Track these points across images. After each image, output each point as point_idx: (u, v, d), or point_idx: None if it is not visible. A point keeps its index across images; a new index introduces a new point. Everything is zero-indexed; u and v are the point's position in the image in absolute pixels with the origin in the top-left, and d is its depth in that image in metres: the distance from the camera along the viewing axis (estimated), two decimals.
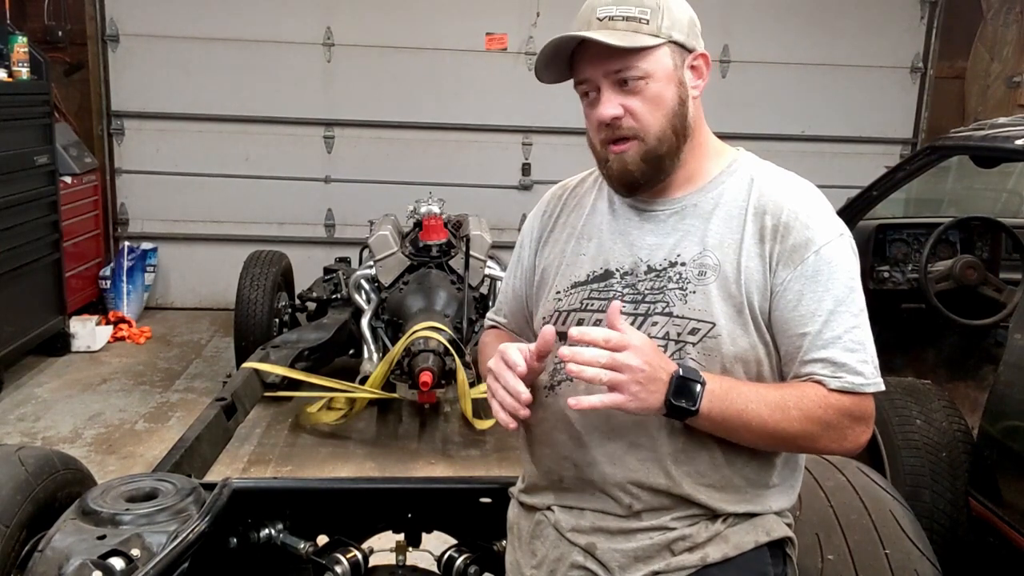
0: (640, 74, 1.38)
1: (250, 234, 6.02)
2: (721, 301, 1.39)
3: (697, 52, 1.43)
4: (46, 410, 4.30)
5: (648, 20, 1.38)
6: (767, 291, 1.39)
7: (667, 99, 1.40)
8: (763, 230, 1.40)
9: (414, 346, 3.75)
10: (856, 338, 1.37)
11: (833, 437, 1.37)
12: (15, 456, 1.77)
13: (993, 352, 3.42)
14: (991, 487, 2.49)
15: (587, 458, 1.45)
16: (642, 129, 1.40)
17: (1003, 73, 6.07)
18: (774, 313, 1.40)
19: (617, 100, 1.39)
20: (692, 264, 1.42)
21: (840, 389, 1.35)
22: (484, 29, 6.00)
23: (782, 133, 6.15)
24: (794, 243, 1.39)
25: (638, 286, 1.44)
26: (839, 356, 1.36)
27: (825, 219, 1.41)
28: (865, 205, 3.58)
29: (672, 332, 1.40)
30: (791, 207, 1.41)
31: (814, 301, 1.37)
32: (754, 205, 1.42)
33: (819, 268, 1.37)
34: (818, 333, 1.36)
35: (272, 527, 1.78)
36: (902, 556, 1.60)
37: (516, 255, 1.68)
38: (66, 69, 5.76)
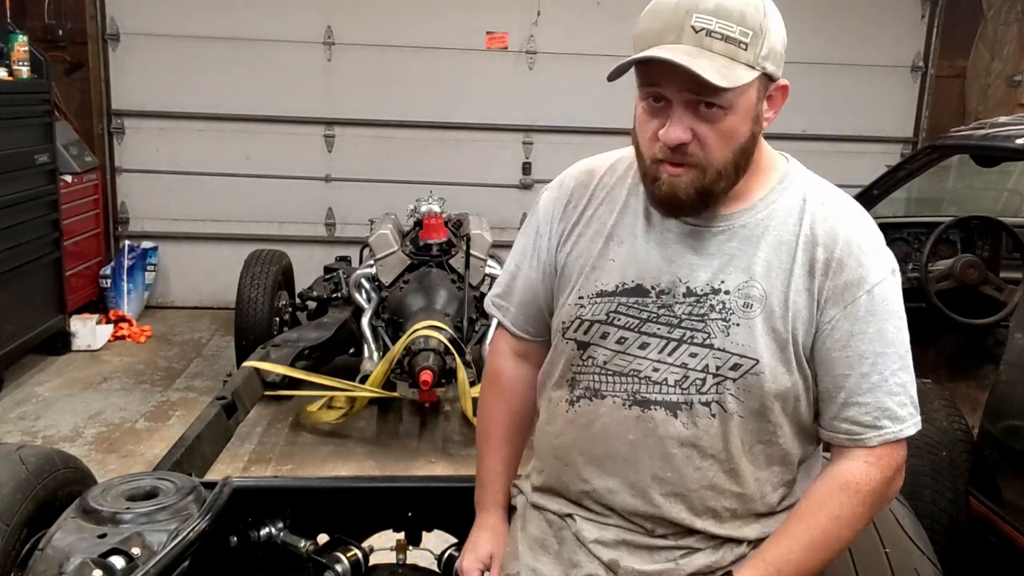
0: (723, 104, 1.24)
1: (250, 233, 6.02)
2: (766, 336, 1.32)
3: (780, 83, 1.32)
4: (47, 409, 4.31)
5: (747, 46, 1.22)
6: (812, 327, 1.33)
7: (740, 134, 1.28)
8: (814, 263, 1.32)
9: (414, 345, 3.75)
10: (900, 380, 1.33)
11: (878, 508, 1.38)
12: (16, 455, 1.76)
13: (994, 351, 3.42)
14: (991, 486, 2.49)
15: (607, 485, 1.40)
16: (706, 159, 1.27)
17: (1004, 72, 6.07)
18: (819, 351, 1.33)
19: (688, 123, 1.25)
20: (737, 293, 1.33)
21: (882, 443, 1.33)
22: (485, 28, 6.00)
23: (783, 132, 6.09)
24: (846, 281, 1.31)
25: (675, 308, 1.35)
26: (883, 400, 1.32)
27: (878, 255, 1.35)
28: (866, 204, 3.55)
29: (712, 366, 1.33)
30: (844, 239, 1.33)
31: (863, 343, 1.32)
32: (806, 233, 1.33)
33: (871, 308, 1.32)
34: (864, 376, 1.32)
35: (272, 526, 1.78)
36: (902, 555, 1.60)
37: (532, 244, 1.51)
38: (66, 68, 5.75)
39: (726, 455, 1.36)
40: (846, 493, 1.33)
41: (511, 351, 1.60)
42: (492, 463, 1.59)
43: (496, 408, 1.60)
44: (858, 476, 1.33)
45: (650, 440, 1.36)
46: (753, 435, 1.36)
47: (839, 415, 1.34)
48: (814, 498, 1.35)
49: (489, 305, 1.62)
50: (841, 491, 1.33)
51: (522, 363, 1.59)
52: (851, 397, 1.32)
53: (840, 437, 1.35)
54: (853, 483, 1.33)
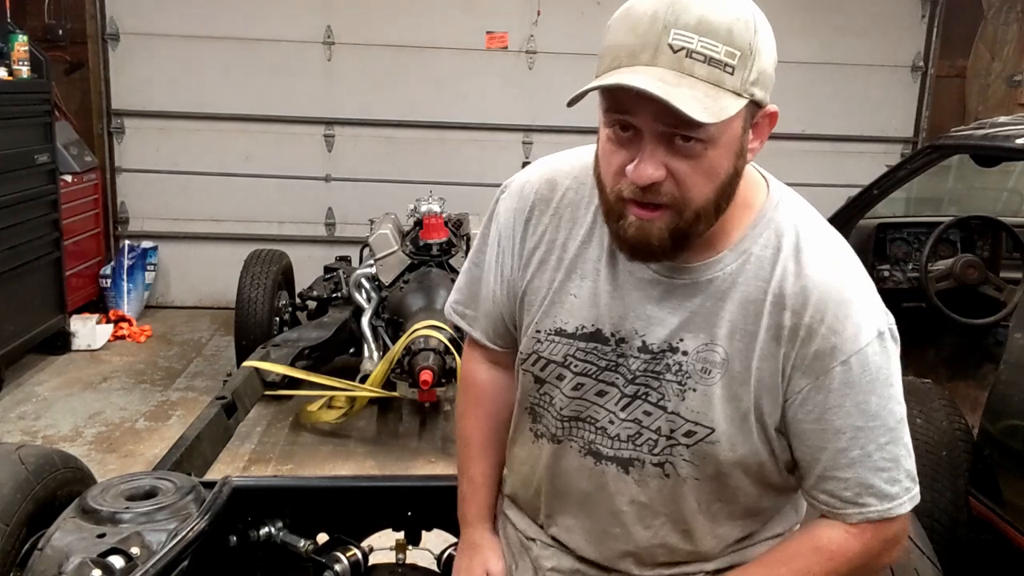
0: (703, 137, 1.06)
1: (250, 233, 6.02)
2: (724, 403, 1.19)
3: (769, 110, 1.13)
4: (46, 408, 4.31)
5: (735, 69, 1.04)
6: (779, 398, 1.19)
7: (722, 171, 1.10)
8: (780, 328, 1.17)
9: (414, 345, 3.75)
10: (889, 455, 1.17)
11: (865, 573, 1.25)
12: (15, 455, 1.76)
13: (993, 351, 3.42)
14: (991, 486, 2.49)
15: (567, 523, 1.36)
16: (683, 200, 1.10)
17: (1004, 72, 6.07)
18: (790, 421, 1.20)
19: (662, 158, 1.07)
20: (695, 356, 1.20)
21: (863, 521, 1.19)
22: (485, 28, 6.00)
23: (783, 132, 6.05)
24: (818, 350, 1.16)
25: (631, 362, 1.24)
26: (865, 477, 1.17)
27: (860, 317, 1.16)
28: (866, 204, 3.58)
29: (665, 428, 1.22)
30: (817, 302, 1.16)
31: (838, 417, 1.16)
32: (774, 292, 1.17)
33: (848, 380, 1.16)
34: (842, 451, 1.17)
35: (272, 525, 1.78)
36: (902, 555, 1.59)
37: (495, 256, 1.38)
38: (66, 68, 5.76)
39: (679, 515, 1.28)
40: (816, 556, 1.22)
41: (483, 358, 1.48)
42: (473, 474, 1.49)
43: (472, 416, 1.50)
44: (835, 544, 1.22)
45: (602, 494, 1.30)
46: (711, 495, 1.26)
47: (817, 486, 1.21)
48: (784, 551, 1.26)
49: (451, 312, 1.49)
50: (812, 553, 1.23)
51: (496, 368, 1.47)
52: (828, 471, 1.19)
53: (819, 507, 1.23)
54: (828, 549, 1.22)
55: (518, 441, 1.42)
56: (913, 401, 2.63)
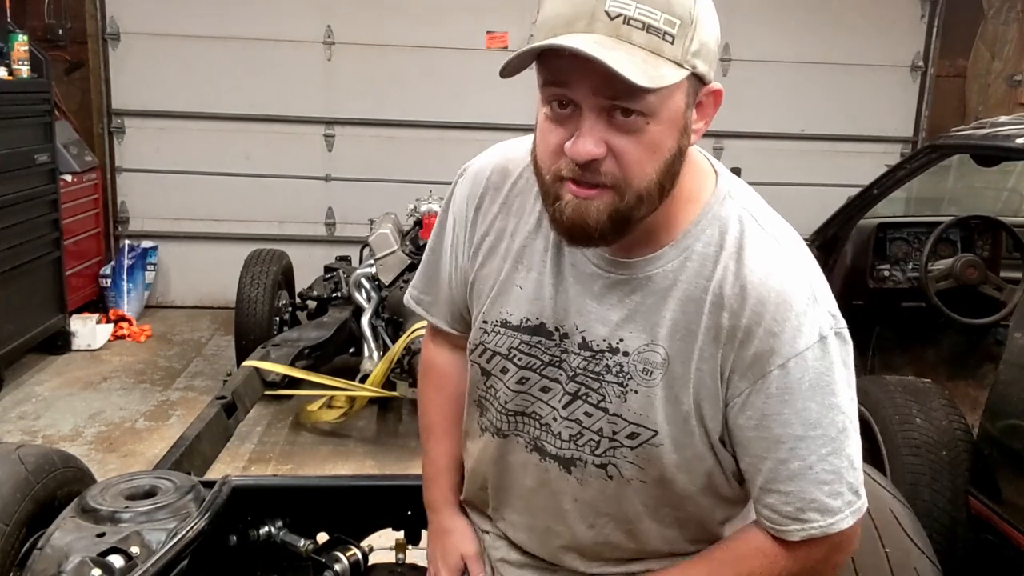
0: (644, 110, 1.01)
1: (250, 232, 6.01)
2: (666, 404, 1.16)
3: (712, 87, 1.08)
4: (46, 408, 4.31)
5: (674, 38, 0.99)
6: (719, 402, 1.15)
7: (664, 148, 1.05)
8: (720, 330, 1.13)
9: (414, 344, 3.75)
10: (830, 466, 1.12)
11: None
12: (15, 454, 1.76)
13: (993, 351, 3.42)
14: (991, 486, 2.49)
15: (512, 519, 1.35)
16: (624, 179, 1.04)
17: (1004, 72, 6.07)
18: (732, 429, 1.16)
19: (601, 134, 1.02)
20: (636, 357, 1.16)
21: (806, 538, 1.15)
22: (485, 27, 5.99)
23: (782, 132, 6.14)
24: (756, 352, 1.11)
25: (571, 359, 1.21)
26: (807, 490, 1.13)
27: (798, 323, 1.10)
28: (865, 204, 3.58)
29: (607, 430, 1.19)
30: (755, 306, 1.11)
31: (777, 425, 1.12)
32: (714, 292, 1.13)
33: (787, 386, 1.11)
34: (782, 462, 1.13)
35: (272, 525, 1.78)
36: (902, 555, 1.60)
37: (449, 242, 1.36)
38: (66, 67, 5.76)
39: (623, 516, 1.25)
40: (760, 559, 1.19)
41: (443, 343, 1.47)
42: (436, 456, 1.48)
43: (434, 400, 1.49)
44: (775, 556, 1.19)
45: (545, 492, 1.28)
46: (657, 500, 1.23)
47: (760, 499, 1.17)
48: (726, 551, 1.23)
49: (409, 300, 1.47)
50: (756, 555, 1.19)
51: (457, 352, 1.45)
52: (769, 484, 1.15)
53: (764, 524, 1.19)
54: (771, 553, 1.18)
55: (469, 434, 1.40)
56: (913, 400, 2.64)
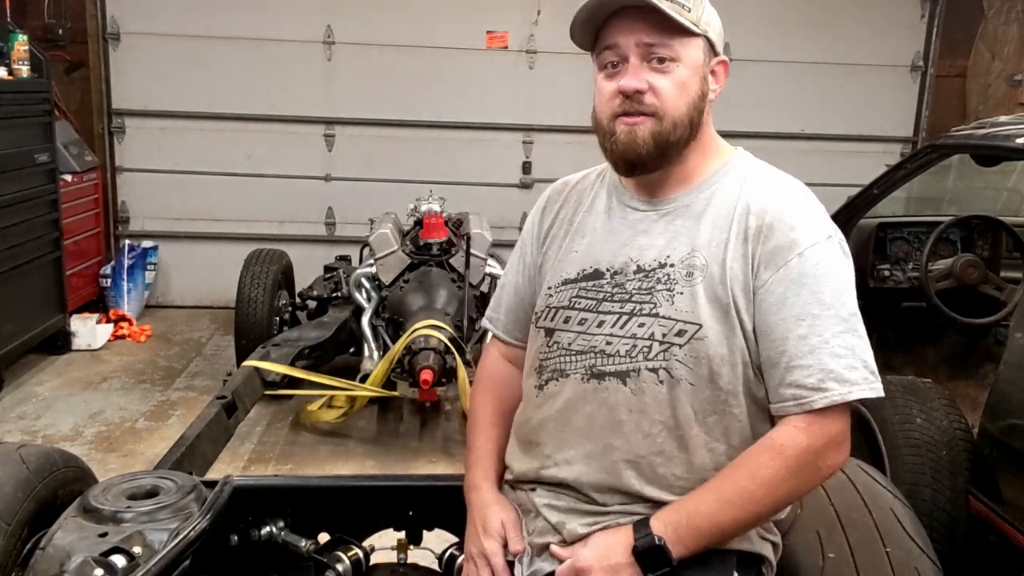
0: (674, 55, 1.38)
1: (251, 232, 6.02)
2: (707, 302, 1.38)
3: (721, 58, 1.46)
4: (47, 408, 4.31)
5: (691, 8, 1.38)
6: (750, 293, 1.38)
7: (691, 89, 1.40)
8: (747, 230, 1.40)
9: (415, 344, 3.75)
10: (845, 343, 1.33)
11: (807, 478, 1.35)
12: (16, 454, 1.76)
13: (993, 351, 3.42)
14: (991, 485, 2.49)
15: (566, 456, 1.46)
16: (662, 108, 1.38)
17: (1004, 72, 6.07)
18: (759, 319, 1.37)
19: (644, 75, 1.38)
20: (681, 265, 1.41)
21: (829, 405, 1.32)
22: (485, 27, 6.00)
23: (782, 132, 6.14)
24: (776, 245, 1.37)
25: (627, 286, 1.44)
26: (826, 362, 1.32)
27: (812, 221, 1.40)
28: (866, 204, 3.58)
29: (658, 333, 1.39)
30: (776, 208, 1.40)
31: (797, 305, 1.34)
32: (742, 206, 1.42)
33: (804, 271, 1.35)
34: (802, 338, 1.34)
35: (273, 525, 1.78)
36: (903, 554, 1.60)
37: (519, 251, 1.67)
38: (66, 67, 5.76)
39: (674, 422, 1.39)
40: (768, 454, 1.34)
41: (499, 355, 1.71)
42: (478, 446, 1.65)
43: (482, 400, 1.69)
44: (783, 439, 1.34)
45: (603, 410, 1.42)
46: (706, 404, 1.39)
47: (784, 380, 1.35)
48: (740, 458, 1.37)
49: (485, 322, 1.75)
50: (764, 452, 1.34)
51: (508, 364, 1.69)
52: (792, 360, 1.34)
53: (787, 406, 1.35)
54: (777, 444, 1.34)
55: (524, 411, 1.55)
56: (913, 400, 2.64)
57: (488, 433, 1.65)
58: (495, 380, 1.69)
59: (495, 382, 1.69)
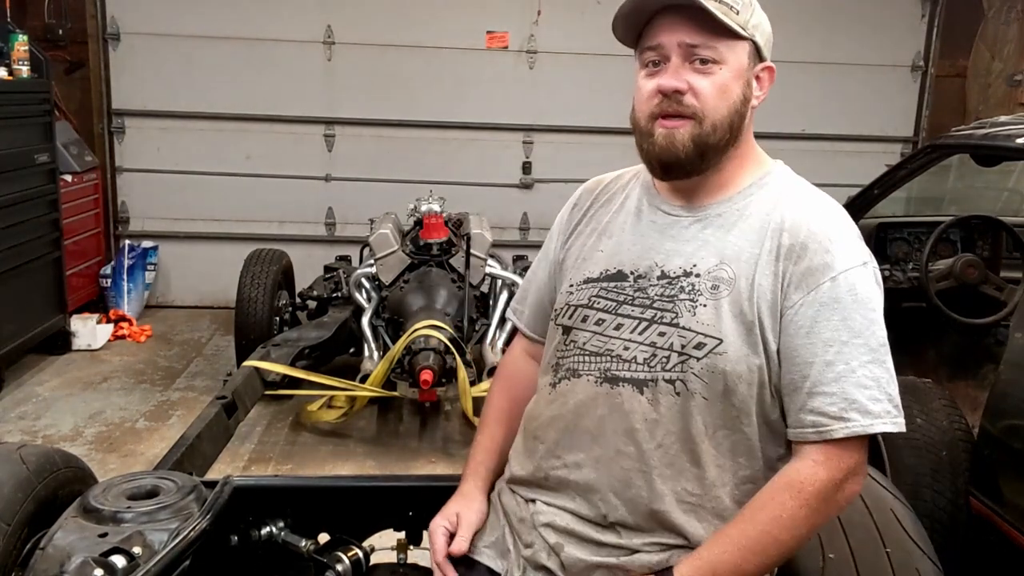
0: (717, 57, 1.34)
1: (251, 232, 6.02)
2: (731, 317, 1.34)
3: (767, 64, 1.41)
4: (47, 408, 4.31)
5: (740, 11, 1.34)
6: (777, 313, 1.34)
7: (733, 93, 1.36)
8: (779, 248, 1.35)
9: (415, 344, 3.75)
10: (871, 374, 1.30)
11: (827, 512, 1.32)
12: (16, 454, 1.76)
13: (994, 351, 3.42)
14: (992, 486, 2.49)
15: (576, 459, 1.43)
16: (701, 110, 1.34)
17: (1004, 71, 6.07)
18: (784, 340, 1.33)
19: (685, 75, 1.34)
20: (707, 276, 1.37)
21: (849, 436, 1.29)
22: (485, 27, 6.00)
23: (783, 132, 6.13)
24: (809, 266, 1.33)
25: (649, 291, 1.41)
26: (850, 392, 1.29)
27: (848, 245, 1.35)
28: (866, 204, 3.58)
29: (677, 344, 1.36)
30: (811, 228, 1.35)
31: (827, 329, 1.30)
32: (776, 222, 1.38)
33: (837, 296, 1.31)
34: (829, 364, 1.30)
35: (273, 525, 1.78)
36: (903, 555, 1.60)
37: (544, 248, 1.66)
38: (67, 67, 5.76)
39: (687, 435, 1.36)
40: (788, 493, 1.30)
41: (522, 351, 1.71)
42: (481, 439, 1.67)
43: (496, 394, 1.70)
44: (803, 475, 1.30)
45: (616, 415, 1.39)
46: (717, 419, 1.36)
47: (805, 406, 1.31)
48: (758, 499, 1.33)
49: (509, 313, 1.75)
50: (783, 491, 1.30)
51: (529, 360, 1.68)
52: (816, 387, 1.30)
53: (807, 432, 1.32)
54: (796, 482, 1.30)
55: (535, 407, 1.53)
56: (914, 400, 2.64)
57: (491, 430, 1.66)
58: (511, 374, 1.70)
59: (511, 375, 1.69)
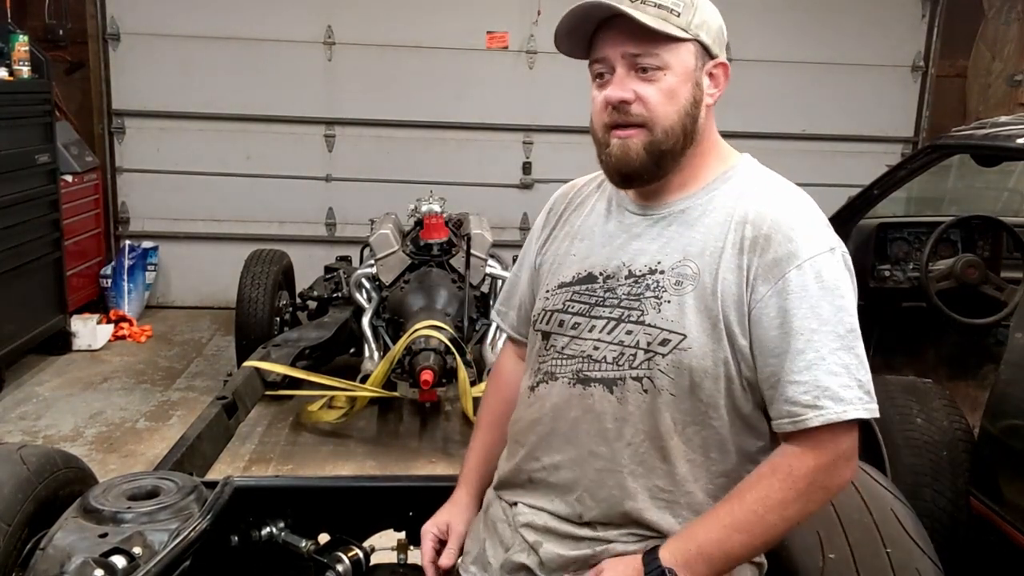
0: (659, 63, 1.35)
1: (251, 233, 6.02)
2: (696, 313, 1.35)
3: (719, 60, 1.41)
4: (47, 409, 4.31)
5: (680, 13, 1.35)
6: (744, 307, 1.34)
7: (681, 96, 1.36)
8: (743, 241, 1.35)
9: (415, 345, 3.75)
10: (841, 360, 1.29)
11: (817, 498, 1.32)
12: (17, 454, 1.77)
13: (994, 351, 3.42)
14: (992, 486, 2.49)
15: (554, 460, 1.45)
16: (651, 118, 1.35)
17: (1004, 72, 6.07)
18: (755, 334, 1.33)
19: (630, 85, 1.36)
20: (671, 272, 1.38)
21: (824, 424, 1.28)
22: (485, 27, 6.00)
23: (783, 132, 6.14)
24: (775, 257, 1.33)
25: (617, 291, 1.42)
26: (821, 379, 1.29)
27: (813, 232, 1.35)
28: (866, 204, 3.58)
29: (643, 341, 1.37)
30: (774, 218, 1.35)
31: (795, 319, 1.30)
32: (739, 214, 1.38)
33: (804, 284, 1.31)
34: (799, 353, 1.30)
35: (273, 525, 1.78)
36: (903, 555, 1.60)
37: (524, 249, 1.68)
38: (67, 68, 5.76)
39: (655, 432, 1.37)
40: (777, 476, 1.30)
41: (512, 353, 1.73)
42: (474, 445, 1.70)
43: (490, 398, 1.73)
44: (790, 460, 1.31)
45: (589, 416, 1.41)
46: (686, 415, 1.36)
47: (780, 396, 1.32)
48: (747, 481, 1.34)
49: (493, 315, 1.77)
50: (772, 474, 1.31)
51: (520, 363, 1.68)
52: (788, 376, 1.30)
53: (784, 423, 1.32)
54: (785, 466, 1.31)
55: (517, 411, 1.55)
56: (914, 400, 2.64)
57: (485, 435, 1.69)
58: (504, 377, 1.71)
59: (504, 379, 1.71)
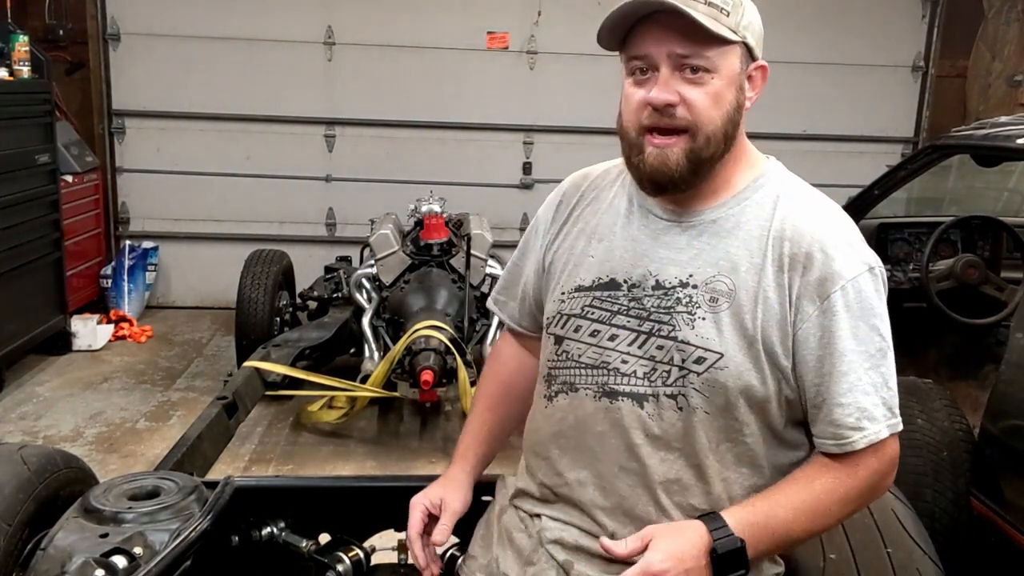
0: (709, 66, 1.26)
1: (251, 233, 6.02)
2: (732, 331, 1.30)
3: (759, 63, 1.34)
4: (47, 409, 4.31)
5: (730, 12, 1.26)
6: (787, 327, 1.30)
7: (727, 100, 1.29)
8: (782, 258, 1.31)
9: (415, 345, 3.75)
10: (870, 380, 1.30)
11: (872, 497, 1.36)
12: (17, 455, 1.76)
13: (994, 351, 3.42)
14: (993, 486, 2.49)
15: (579, 477, 1.40)
16: (696, 123, 1.28)
17: (1004, 72, 6.07)
18: (797, 352, 1.30)
19: (675, 86, 1.27)
20: (704, 288, 1.32)
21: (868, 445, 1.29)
22: (485, 28, 6.00)
23: (783, 132, 6.12)
24: (818, 277, 1.29)
25: (644, 301, 1.35)
26: (860, 400, 1.29)
27: (852, 251, 1.31)
28: (866, 204, 3.58)
29: (676, 358, 1.32)
30: (813, 235, 1.31)
31: (840, 340, 1.28)
32: (776, 229, 1.32)
33: (847, 305, 1.28)
34: (843, 375, 1.28)
35: (274, 525, 1.78)
36: (904, 555, 1.60)
37: (527, 239, 1.59)
38: (67, 68, 5.76)
39: (691, 450, 1.34)
40: (843, 470, 1.31)
41: (511, 339, 1.69)
42: (471, 424, 1.65)
43: (487, 379, 1.69)
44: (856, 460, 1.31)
45: (617, 431, 1.36)
46: (719, 432, 1.33)
47: (825, 418, 1.31)
48: (810, 471, 1.33)
49: (490, 303, 1.70)
50: (837, 468, 1.31)
51: (520, 349, 1.66)
52: (834, 398, 1.29)
53: (828, 444, 1.32)
54: (850, 463, 1.32)
55: (533, 418, 1.50)
56: (914, 401, 2.64)
57: (481, 416, 1.65)
58: (502, 360, 1.68)
59: (502, 361, 1.67)
